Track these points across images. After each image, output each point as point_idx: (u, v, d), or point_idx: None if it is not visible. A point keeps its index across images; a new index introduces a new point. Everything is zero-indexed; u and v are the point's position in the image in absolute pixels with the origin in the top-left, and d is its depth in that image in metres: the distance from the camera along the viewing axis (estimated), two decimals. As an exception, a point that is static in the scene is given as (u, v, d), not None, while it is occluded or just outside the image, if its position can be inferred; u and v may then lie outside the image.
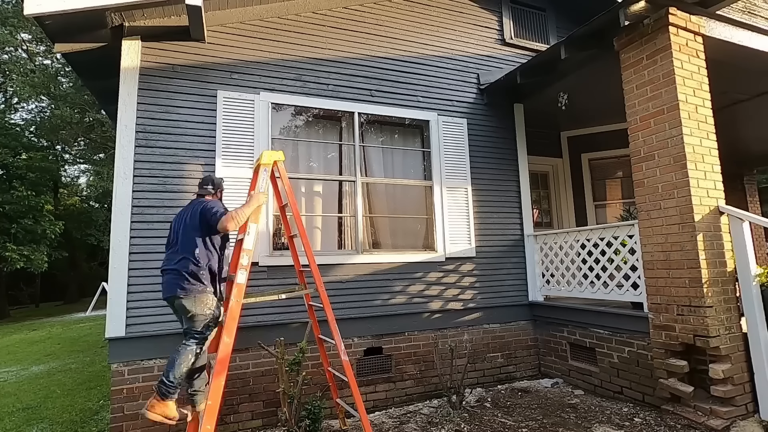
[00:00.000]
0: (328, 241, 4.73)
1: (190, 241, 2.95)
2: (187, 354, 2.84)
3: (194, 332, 2.90)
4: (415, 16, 5.29)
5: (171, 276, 2.91)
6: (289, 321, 4.09)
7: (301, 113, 4.74)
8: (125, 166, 3.78)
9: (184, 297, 2.85)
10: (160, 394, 2.76)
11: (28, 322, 14.95)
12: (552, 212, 6.84)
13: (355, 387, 3.31)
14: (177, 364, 2.80)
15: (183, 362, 2.82)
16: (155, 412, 2.74)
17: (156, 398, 2.77)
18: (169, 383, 2.77)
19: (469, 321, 4.91)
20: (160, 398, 2.76)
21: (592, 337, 4.46)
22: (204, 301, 2.90)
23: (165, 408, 2.76)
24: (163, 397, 2.76)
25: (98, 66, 4.22)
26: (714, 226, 3.52)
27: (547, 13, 6.33)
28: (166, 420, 2.78)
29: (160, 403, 2.76)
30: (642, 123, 3.83)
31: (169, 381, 2.77)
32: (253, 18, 4.44)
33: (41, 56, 19.37)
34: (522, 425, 3.67)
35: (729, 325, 3.42)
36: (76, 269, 23.41)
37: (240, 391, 3.84)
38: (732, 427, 3.20)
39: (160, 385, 2.79)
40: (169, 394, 2.77)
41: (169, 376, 2.77)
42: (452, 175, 5.08)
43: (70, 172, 23.96)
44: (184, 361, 2.82)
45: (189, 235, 2.97)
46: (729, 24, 3.91)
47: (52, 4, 3.33)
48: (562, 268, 4.88)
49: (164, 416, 2.76)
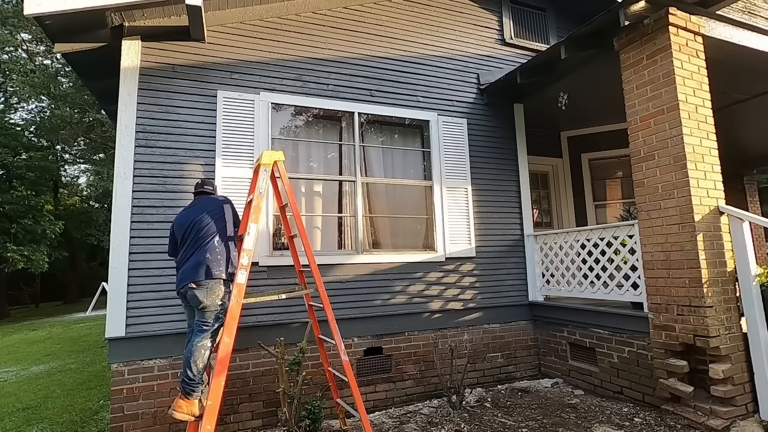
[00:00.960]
0: (328, 241, 4.73)
1: (213, 233, 3.06)
2: (201, 349, 2.90)
3: (204, 325, 2.96)
4: (415, 16, 5.29)
5: (188, 266, 2.98)
6: (289, 321, 4.10)
7: (301, 113, 4.74)
8: (125, 166, 3.78)
9: (198, 288, 2.92)
10: (185, 393, 2.83)
11: (28, 322, 14.95)
12: (552, 212, 6.84)
13: (355, 387, 3.31)
14: (193, 361, 2.86)
15: (198, 358, 2.88)
16: (183, 411, 2.81)
17: (181, 398, 2.83)
18: (191, 381, 2.83)
19: (469, 321, 4.91)
20: (186, 397, 2.83)
21: (592, 337, 4.46)
22: (216, 292, 2.96)
23: (192, 406, 2.83)
24: (188, 396, 2.83)
25: (98, 66, 4.22)
26: (714, 226, 3.52)
27: (547, 13, 6.33)
28: (192, 418, 2.83)
29: (187, 402, 2.83)
30: (642, 123, 3.83)
31: (190, 379, 2.83)
32: (253, 18, 4.44)
33: (41, 56, 19.38)
34: (522, 425, 3.68)
35: (729, 325, 3.42)
36: (76, 269, 23.42)
37: (240, 391, 3.84)
38: (732, 427, 3.20)
39: (183, 385, 2.85)
40: (193, 391, 2.84)
41: (189, 374, 2.84)
42: (452, 175, 5.08)
43: (70, 172, 23.99)
44: (198, 357, 2.88)
45: (212, 228, 3.07)
46: (729, 24, 3.91)
47: (52, 4, 3.33)
48: (562, 268, 4.88)
49: (191, 414, 2.82)
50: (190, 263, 2.99)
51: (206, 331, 2.95)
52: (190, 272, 2.96)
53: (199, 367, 2.86)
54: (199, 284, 2.93)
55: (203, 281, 2.94)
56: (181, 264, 3.06)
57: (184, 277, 2.99)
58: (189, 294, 2.96)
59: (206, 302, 2.93)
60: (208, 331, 2.95)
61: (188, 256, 3.03)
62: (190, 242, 3.06)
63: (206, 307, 2.93)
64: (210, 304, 2.94)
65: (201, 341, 2.91)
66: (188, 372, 2.84)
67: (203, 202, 3.25)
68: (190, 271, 2.96)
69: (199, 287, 2.92)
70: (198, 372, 2.86)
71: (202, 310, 2.95)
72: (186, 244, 3.08)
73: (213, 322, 2.97)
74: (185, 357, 2.91)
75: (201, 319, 2.97)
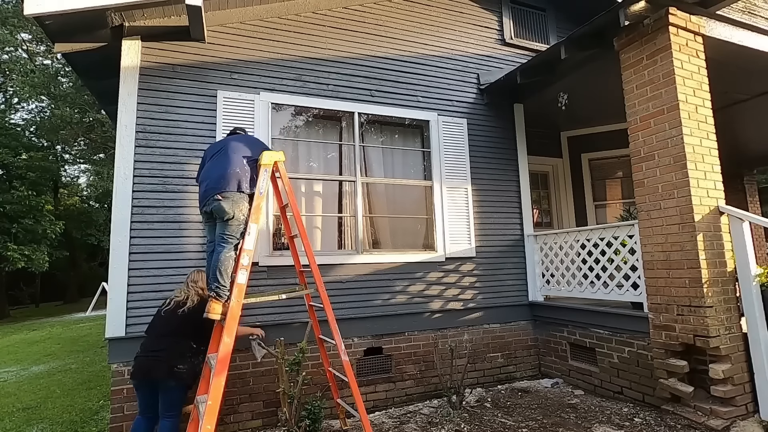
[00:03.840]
0: (329, 241, 4.73)
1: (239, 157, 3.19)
2: (227, 260, 3.04)
3: (229, 237, 3.08)
4: (415, 16, 5.29)
5: (212, 180, 3.11)
6: (290, 321, 4.10)
7: (301, 113, 4.74)
8: (125, 166, 3.78)
9: (223, 199, 3.03)
10: (218, 296, 3.01)
11: (28, 322, 14.95)
12: (552, 212, 6.84)
13: (355, 387, 3.31)
14: (220, 270, 3.02)
15: (226, 267, 3.03)
16: (217, 312, 2.97)
17: (214, 300, 3.00)
18: (223, 286, 3.01)
19: (469, 321, 4.91)
20: (218, 299, 3.01)
21: (592, 337, 4.46)
22: (240, 206, 3.08)
23: (224, 308, 2.98)
24: (219, 298, 3.01)
25: (98, 66, 4.22)
26: (714, 226, 3.52)
27: (547, 13, 6.33)
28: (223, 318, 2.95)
29: (219, 304, 2.99)
30: (642, 123, 3.83)
31: (221, 284, 3.01)
32: (253, 18, 4.44)
33: (41, 56, 19.37)
34: (522, 425, 3.68)
35: (729, 325, 3.42)
36: (76, 269, 23.43)
37: (240, 391, 3.84)
38: (732, 427, 3.20)
39: (215, 289, 3.02)
40: (224, 295, 3.01)
41: (219, 281, 3.01)
42: (452, 175, 5.08)
43: (70, 172, 23.96)
44: (224, 265, 3.03)
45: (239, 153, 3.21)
46: (729, 24, 3.91)
47: (52, 4, 3.33)
48: (562, 268, 4.88)
49: (223, 314, 2.96)
50: (213, 177, 3.12)
51: (230, 243, 3.08)
52: (214, 185, 3.08)
53: (226, 274, 3.03)
54: (225, 196, 3.04)
55: (228, 193, 3.05)
56: (204, 180, 3.21)
57: (207, 190, 3.11)
58: (214, 206, 3.06)
59: (231, 213, 3.04)
60: (232, 243, 3.08)
61: (210, 172, 3.17)
62: (215, 161, 3.21)
63: (230, 218, 3.04)
64: (234, 216, 3.05)
65: (227, 252, 3.05)
66: (218, 279, 3.01)
67: (233, 136, 3.45)
68: (215, 183, 3.08)
69: (224, 198, 3.03)
70: (226, 278, 3.02)
71: (226, 222, 3.06)
72: (210, 162, 3.24)
73: (236, 233, 3.09)
74: (213, 267, 3.06)
75: (225, 232, 3.08)
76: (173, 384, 3.02)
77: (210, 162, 3.26)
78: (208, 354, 3.14)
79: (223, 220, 3.07)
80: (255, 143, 3.45)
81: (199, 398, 2.98)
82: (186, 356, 3.09)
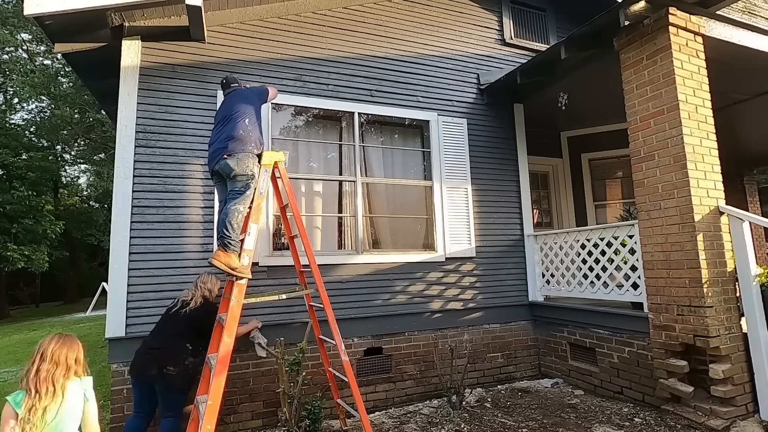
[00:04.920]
0: (329, 241, 4.73)
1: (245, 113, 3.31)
2: (235, 212, 3.11)
3: (237, 192, 3.17)
4: (415, 16, 5.29)
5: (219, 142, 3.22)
6: (290, 321, 4.10)
7: (301, 113, 4.74)
8: (125, 166, 3.78)
9: (229, 157, 3.13)
10: (224, 246, 3.07)
11: (28, 322, 14.94)
12: (552, 212, 6.84)
13: (355, 387, 3.31)
14: (228, 221, 3.09)
15: (233, 219, 3.10)
16: (220, 260, 3.02)
17: (221, 250, 3.07)
18: (229, 236, 3.07)
19: (469, 321, 4.91)
20: (224, 250, 3.07)
21: (592, 337, 4.46)
22: (246, 163, 3.16)
23: (228, 258, 3.04)
24: (226, 249, 3.06)
25: (98, 66, 4.22)
26: (714, 226, 3.52)
27: (547, 13, 6.33)
28: (229, 269, 3.01)
29: (225, 254, 3.05)
30: (642, 123, 3.83)
31: (227, 235, 3.06)
32: (253, 18, 4.44)
33: (41, 56, 19.35)
34: (522, 425, 3.68)
35: (729, 325, 3.42)
36: (76, 269, 23.40)
37: (240, 391, 3.84)
38: (732, 427, 3.20)
39: (222, 240, 3.08)
40: (231, 245, 3.07)
41: (226, 231, 3.07)
42: (452, 175, 5.08)
43: (70, 172, 23.92)
44: (234, 218, 3.10)
45: (243, 109, 3.33)
46: (729, 24, 3.91)
47: (52, 4, 3.33)
48: (562, 268, 4.88)
49: (227, 265, 3.01)
50: (220, 140, 3.22)
51: (238, 197, 3.16)
52: (221, 146, 3.18)
53: (234, 226, 3.09)
54: (231, 155, 3.14)
55: (234, 153, 3.14)
56: (212, 143, 3.31)
57: (215, 152, 3.22)
58: (221, 164, 3.16)
59: (237, 170, 3.12)
60: (239, 197, 3.16)
61: (218, 135, 3.28)
62: (222, 125, 3.30)
63: (237, 174, 3.14)
64: (241, 172, 3.14)
65: (235, 205, 3.12)
66: (225, 230, 3.07)
67: (233, 97, 3.48)
68: (222, 145, 3.18)
69: (230, 157, 3.13)
70: (234, 230, 3.08)
71: (233, 179, 3.17)
72: (217, 127, 3.35)
73: (244, 188, 3.18)
74: (221, 219, 3.14)
75: (234, 188, 3.19)
76: (163, 386, 3.05)
77: (218, 127, 3.37)
78: (208, 354, 3.13)
79: (230, 177, 3.18)
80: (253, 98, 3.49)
81: (199, 398, 2.98)
82: (179, 357, 3.11)
